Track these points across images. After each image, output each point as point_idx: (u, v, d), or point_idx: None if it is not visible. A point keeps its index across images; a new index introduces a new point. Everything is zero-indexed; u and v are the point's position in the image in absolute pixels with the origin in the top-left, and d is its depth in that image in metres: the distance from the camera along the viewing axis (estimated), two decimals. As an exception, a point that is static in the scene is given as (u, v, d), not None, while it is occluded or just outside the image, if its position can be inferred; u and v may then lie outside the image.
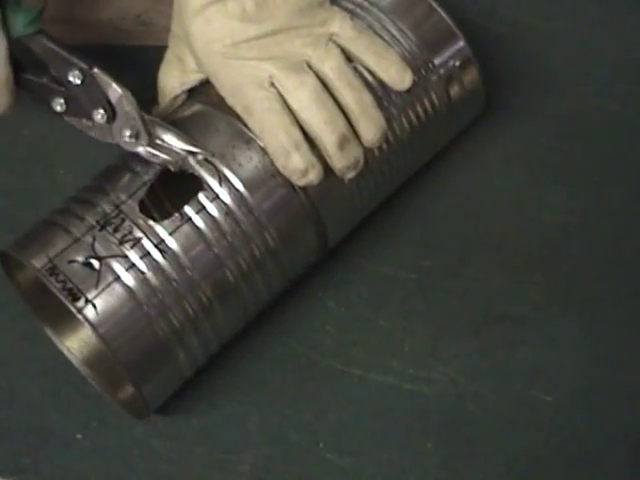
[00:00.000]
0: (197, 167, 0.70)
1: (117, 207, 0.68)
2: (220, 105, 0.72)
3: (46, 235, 0.69)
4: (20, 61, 0.71)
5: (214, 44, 0.70)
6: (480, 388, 0.77)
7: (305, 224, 0.73)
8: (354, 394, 0.76)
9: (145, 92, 0.74)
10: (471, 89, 0.79)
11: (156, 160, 0.70)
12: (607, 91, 0.88)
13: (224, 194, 0.69)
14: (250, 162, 0.70)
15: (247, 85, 0.70)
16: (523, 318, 0.80)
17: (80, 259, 0.67)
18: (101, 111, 0.70)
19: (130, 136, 0.70)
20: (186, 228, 0.68)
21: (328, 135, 0.71)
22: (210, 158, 0.70)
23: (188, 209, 0.69)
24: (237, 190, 0.70)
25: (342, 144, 0.71)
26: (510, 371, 0.78)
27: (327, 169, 0.72)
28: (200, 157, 0.70)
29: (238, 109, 0.71)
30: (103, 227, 0.68)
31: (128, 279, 0.67)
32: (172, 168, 0.69)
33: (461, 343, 0.78)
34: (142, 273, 0.67)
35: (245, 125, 0.71)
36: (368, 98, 0.72)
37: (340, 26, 0.72)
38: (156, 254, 0.68)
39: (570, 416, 0.76)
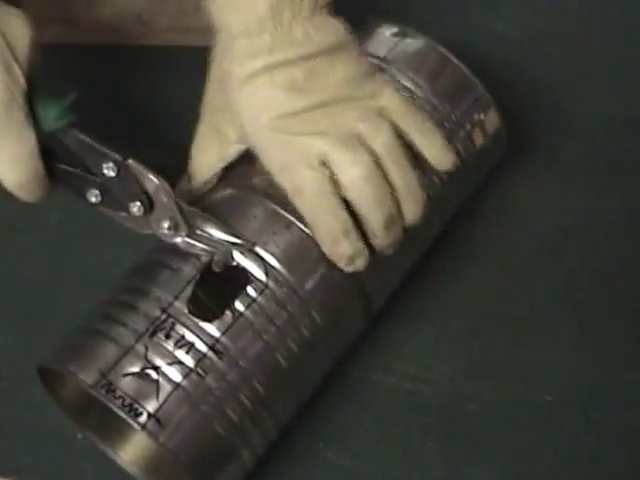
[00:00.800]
0: (241, 258, 0.67)
1: (164, 310, 0.66)
2: (253, 188, 0.71)
3: (91, 346, 0.66)
4: (53, 151, 0.68)
5: (261, 116, 0.67)
6: (480, 388, 0.77)
7: (350, 297, 0.71)
8: (354, 394, 0.76)
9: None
10: (494, 134, 0.78)
11: (195, 251, 0.68)
12: (607, 91, 0.88)
13: (272, 284, 0.67)
14: (293, 247, 0.68)
15: (297, 164, 0.67)
16: (523, 318, 0.80)
17: (135, 370, 0.64)
18: (138, 203, 0.68)
19: (169, 227, 0.68)
20: (238, 325, 0.66)
21: (377, 215, 0.68)
22: (253, 248, 0.67)
23: (238, 304, 0.66)
24: (284, 278, 0.67)
25: (389, 224, 0.68)
26: (510, 371, 0.78)
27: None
28: (242, 248, 0.68)
29: (287, 187, 0.68)
30: (154, 333, 0.65)
31: (187, 385, 0.64)
32: (217, 268, 0.67)
33: (461, 343, 0.79)
34: (201, 377, 0.64)
35: (282, 207, 0.69)
36: (413, 177, 0.69)
37: (389, 99, 0.68)
38: (211, 355, 0.65)
39: (570, 416, 0.76)
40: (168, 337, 0.65)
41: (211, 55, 0.71)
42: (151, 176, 0.68)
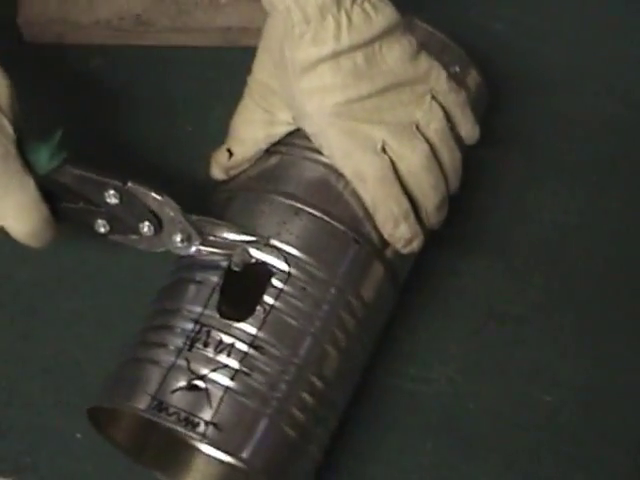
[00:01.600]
0: (259, 254, 0.68)
1: (197, 321, 0.66)
2: (251, 186, 0.72)
3: (135, 375, 0.67)
4: (53, 192, 0.68)
5: (326, 102, 0.68)
6: (480, 388, 0.77)
7: (374, 270, 0.71)
8: (354, 394, 0.76)
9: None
10: (475, 89, 0.79)
11: (212, 257, 0.68)
12: (607, 91, 0.88)
13: (294, 271, 0.68)
14: (307, 232, 0.69)
15: (361, 150, 0.69)
16: (523, 318, 0.80)
17: (183, 384, 0.64)
18: (147, 223, 0.68)
19: (182, 240, 0.68)
20: (272, 318, 0.66)
21: (432, 199, 0.71)
22: (268, 242, 0.68)
23: (267, 298, 0.67)
24: (305, 262, 0.68)
25: (442, 206, 0.72)
26: (510, 371, 0.78)
27: None
28: (258, 244, 0.68)
29: (347, 172, 0.70)
30: (192, 345, 0.66)
31: (237, 386, 0.65)
32: (236, 268, 0.68)
33: (461, 343, 0.79)
34: (248, 375, 0.65)
35: (286, 197, 0.70)
36: (459, 154, 0.73)
37: (437, 79, 0.71)
38: (253, 352, 0.65)
39: (570, 416, 0.76)
40: (207, 345, 0.66)
41: (262, 36, 0.71)
42: (153, 194, 0.68)
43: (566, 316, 0.80)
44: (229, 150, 0.74)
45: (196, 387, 0.64)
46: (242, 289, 0.68)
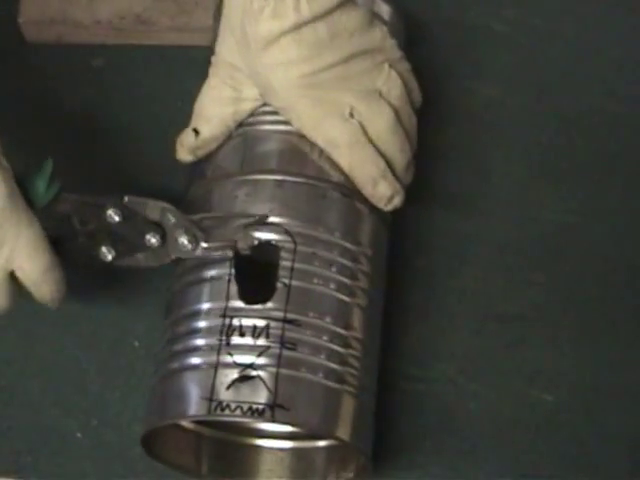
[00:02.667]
0: (260, 235, 0.68)
1: (224, 315, 0.67)
2: (225, 174, 0.72)
3: (180, 387, 0.66)
4: (51, 235, 0.68)
5: (292, 73, 0.69)
6: (480, 388, 0.77)
7: (366, 213, 0.73)
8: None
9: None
10: (389, 21, 0.79)
11: (219, 252, 0.68)
12: (607, 91, 0.88)
13: (299, 239, 0.68)
14: (296, 199, 0.70)
15: (330, 118, 0.70)
16: (523, 318, 0.80)
17: (235, 377, 0.65)
18: (151, 234, 0.68)
19: (189, 242, 0.68)
20: (294, 290, 0.67)
21: (400, 161, 0.73)
22: (265, 220, 0.69)
23: (282, 274, 0.67)
24: (304, 228, 0.69)
25: (409, 165, 0.74)
26: (510, 371, 0.78)
27: None
28: (258, 225, 0.68)
29: (320, 141, 0.71)
30: (228, 338, 0.66)
31: (286, 364, 0.65)
32: (244, 252, 0.68)
33: (461, 343, 0.78)
34: (292, 349, 0.66)
35: (260, 174, 0.71)
36: (415, 122, 0.75)
37: (390, 49, 0.73)
38: (289, 327, 0.66)
39: (570, 416, 0.76)
40: (243, 334, 0.66)
41: (223, 14, 0.72)
42: (152, 202, 0.68)
43: (566, 316, 0.80)
44: (195, 130, 0.74)
45: (248, 377, 0.65)
46: (255, 272, 0.68)
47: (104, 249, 0.69)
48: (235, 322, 0.66)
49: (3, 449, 0.75)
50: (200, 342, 0.67)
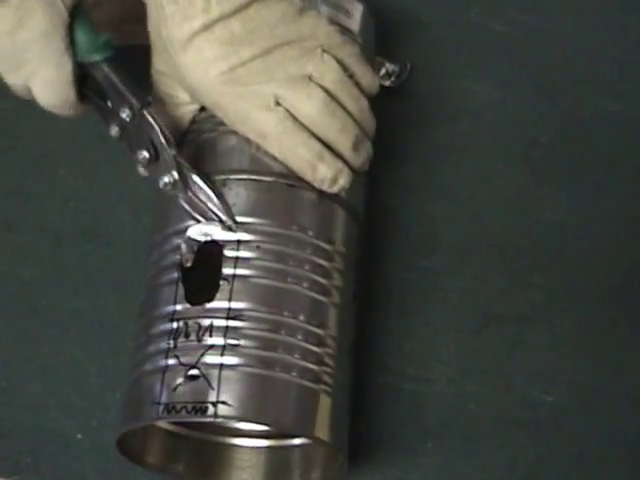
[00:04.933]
0: (206, 233, 0.69)
1: (172, 319, 0.67)
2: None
3: (138, 392, 0.67)
4: (90, 78, 0.70)
5: (209, 73, 0.70)
6: (480, 388, 0.77)
7: (320, 201, 0.72)
8: (354, 394, 0.76)
9: None
10: (362, 19, 0.80)
11: (193, 211, 0.70)
12: (607, 91, 0.88)
13: (244, 235, 0.68)
14: (240, 196, 0.70)
15: (254, 110, 0.70)
16: (523, 318, 0.80)
17: (180, 380, 0.65)
18: (144, 152, 0.69)
19: (167, 184, 0.69)
20: (238, 285, 0.67)
21: (344, 141, 0.72)
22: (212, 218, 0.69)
23: (227, 270, 0.68)
24: (250, 224, 0.69)
25: (356, 146, 0.73)
26: (510, 371, 0.78)
27: None
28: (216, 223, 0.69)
29: (250, 135, 0.71)
30: (175, 341, 0.66)
31: (230, 360, 0.65)
32: (187, 264, 0.69)
33: (461, 343, 0.79)
34: (236, 346, 0.66)
35: (212, 175, 0.71)
36: (365, 104, 0.74)
37: (327, 35, 0.72)
38: (232, 323, 0.66)
39: (570, 416, 0.76)
40: (188, 335, 0.66)
41: (147, 25, 0.73)
42: (159, 132, 0.69)
43: (566, 316, 0.80)
44: None
45: (193, 377, 0.65)
46: (202, 274, 0.69)
47: (114, 125, 0.71)
48: (182, 324, 0.67)
49: (4, 449, 0.75)
50: (152, 348, 0.68)
